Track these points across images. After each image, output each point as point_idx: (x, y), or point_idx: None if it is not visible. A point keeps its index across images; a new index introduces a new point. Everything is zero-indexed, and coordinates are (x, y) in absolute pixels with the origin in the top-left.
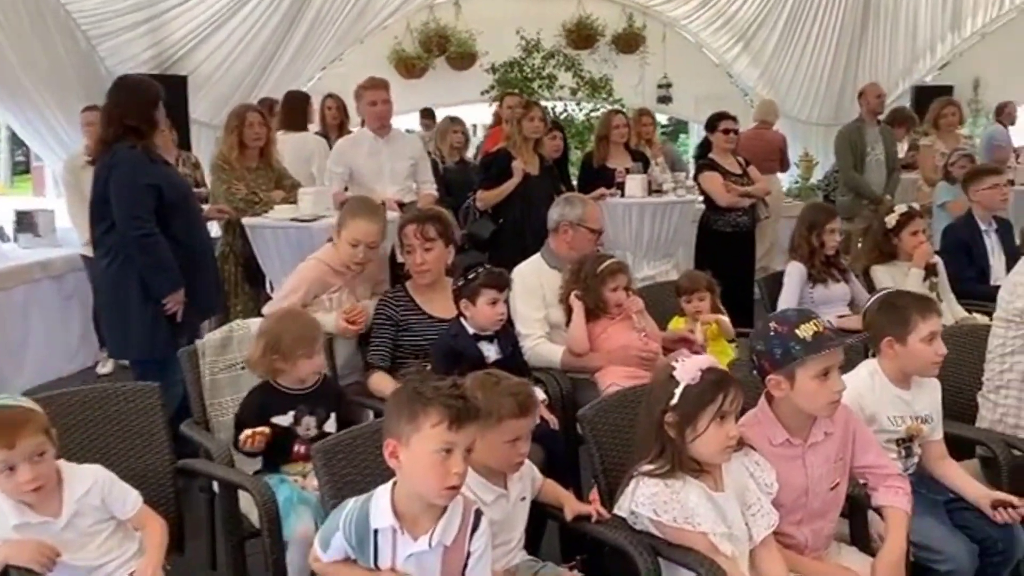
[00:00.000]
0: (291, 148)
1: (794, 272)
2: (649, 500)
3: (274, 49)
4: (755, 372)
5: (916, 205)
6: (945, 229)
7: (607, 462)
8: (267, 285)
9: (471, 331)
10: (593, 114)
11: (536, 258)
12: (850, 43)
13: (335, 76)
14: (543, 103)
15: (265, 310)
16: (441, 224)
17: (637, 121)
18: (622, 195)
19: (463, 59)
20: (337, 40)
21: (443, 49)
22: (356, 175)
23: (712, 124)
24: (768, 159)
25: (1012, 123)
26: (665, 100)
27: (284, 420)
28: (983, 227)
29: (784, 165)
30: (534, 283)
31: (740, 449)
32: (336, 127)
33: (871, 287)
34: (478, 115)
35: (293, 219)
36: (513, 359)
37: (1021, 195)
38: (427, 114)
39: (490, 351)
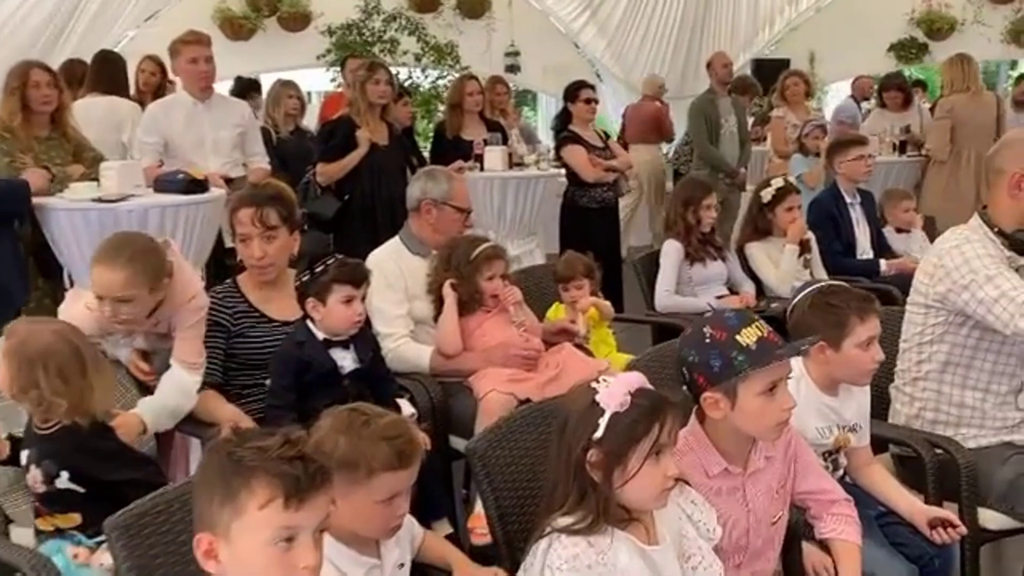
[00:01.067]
0: (100, 114)
1: (671, 251)
2: (568, 564)
3: (74, 3)
4: (685, 388)
5: (791, 179)
6: (811, 203)
7: (504, 507)
8: (65, 278)
9: (321, 336)
10: (440, 82)
11: (394, 243)
12: (695, 15)
13: (150, 36)
14: None
15: (62, 308)
16: (284, 206)
17: (491, 89)
18: (481, 169)
19: (296, 20)
20: None
21: (273, 8)
22: (172, 146)
23: (572, 93)
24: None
25: (866, 98)
26: (513, 69)
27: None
28: (848, 199)
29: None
30: (393, 272)
31: (674, 486)
32: (152, 93)
33: (745, 265)
34: (313, 81)
35: (95, 199)
36: (375, 368)
37: (878, 168)
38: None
39: (345, 360)
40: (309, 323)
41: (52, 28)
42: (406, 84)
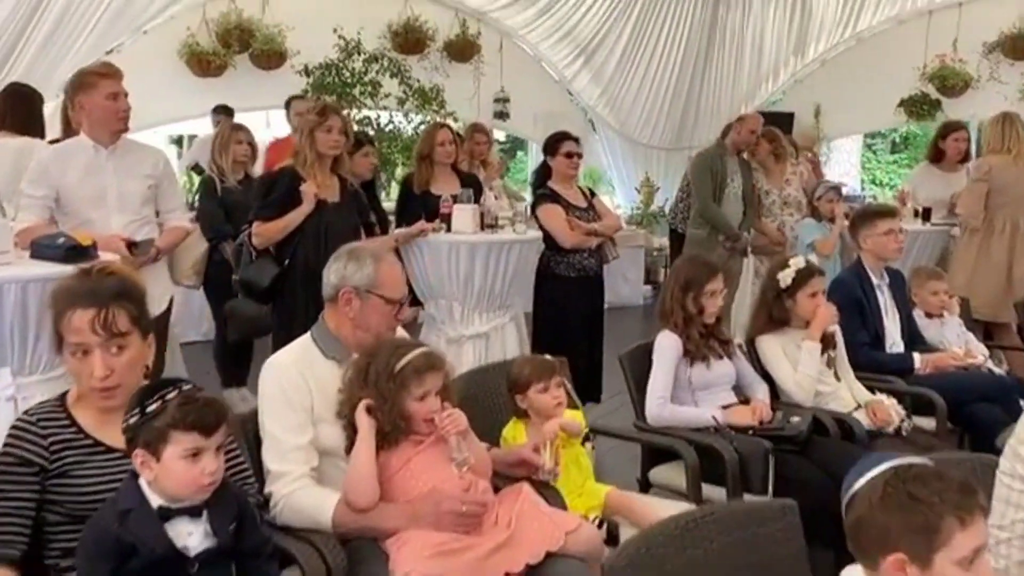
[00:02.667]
0: (10, 158)
1: (667, 346)
2: None
3: (17, 33)
4: None
5: (813, 259)
6: (832, 284)
7: None
8: None
9: (156, 503)
10: (423, 127)
11: (303, 342)
12: (695, 64)
13: None
14: (367, 113)
15: None
16: (133, 303)
17: (470, 138)
18: (448, 229)
19: (270, 57)
20: (106, 27)
21: (246, 45)
22: (65, 200)
23: (552, 146)
24: None
25: None
26: (502, 116)
27: None
28: (875, 280)
29: None
30: (295, 385)
31: None
32: None
33: (756, 361)
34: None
35: None
36: (243, 542)
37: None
38: (224, 111)
39: (192, 537)
40: (140, 483)
41: None
42: (387, 129)
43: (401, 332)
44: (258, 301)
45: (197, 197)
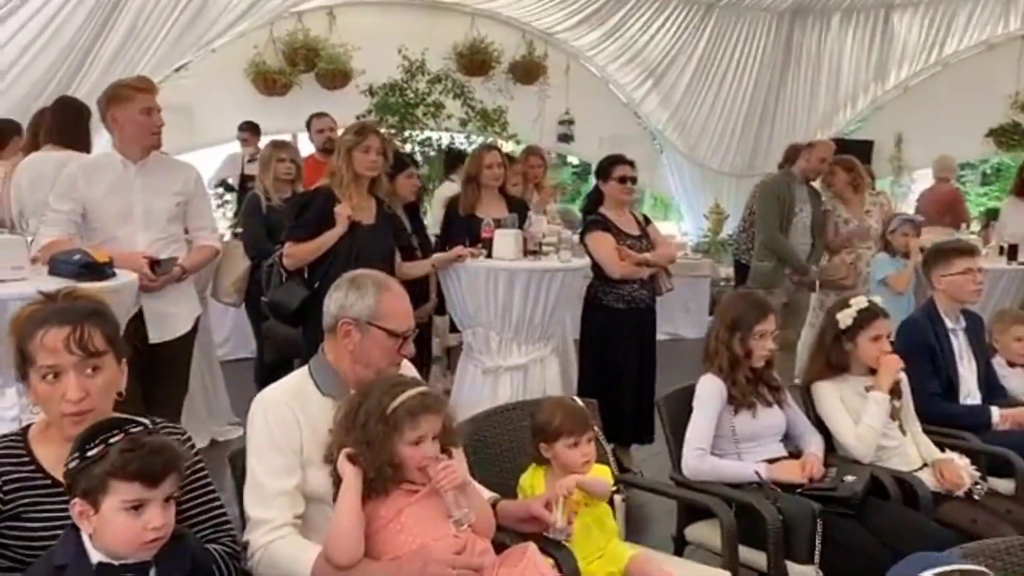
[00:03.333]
0: (52, 172)
1: (710, 391)
2: None
3: (86, 48)
4: None
5: (878, 299)
6: (901, 327)
7: None
8: None
9: (96, 559)
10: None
11: (299, 376)
12: (768, 87)
13: (180, 89)
14: (428, 133)
15: None
16: (108, 324)
17: (524, 161)
18: (488, 255)
19: (335, 77)
20: (171, 45)
21: (311, 64)
22: (92, 215)
23: (605, 170)
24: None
25: None
26: (566, 138)
27: None
28: (950, 324)
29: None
30: (286, 423)
31: None
32: None
33: (810, 410)
34: None
35: None
36: None
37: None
38: (249, 128)
39: None
40: (84, 534)
41: (64, 72)
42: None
43: (408, 369)
44: (286, 324)
45: (241, 215)
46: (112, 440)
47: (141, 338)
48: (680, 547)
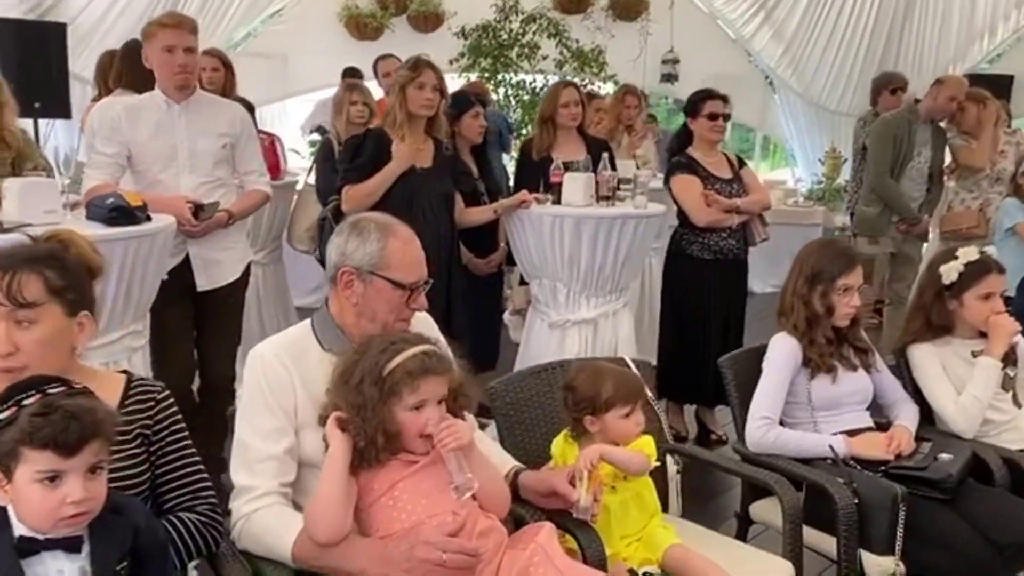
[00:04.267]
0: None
1: (783, 352)
2: None
3: None
4: None
5: (990, 251)
6: (1022, 283)
7: None
8: None
9: (20, 532)
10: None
11: (300, 329)
12: (892, 17)
13: (275, 35)
14: (522, 76)
15: None
16: (62, 271)
17: (620, 101)
18: (557, 201)
19: (427, 20)
20: None
21: (403, 7)
22: (136, 158)
23: (693, 106)
24: None
25: None
26: (670, 78)
27: None
28: None
29: None
30: (279, 381)
31: None
32: (218, 93)
33: (904, 376)
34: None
35: None
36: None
37: None
38: (352, 74)
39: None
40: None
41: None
42: (541, 93)
43: (425, 324)
44: None
45: (314, 160)
46: (26, 402)
47: (188, 285)
48: (744, 527)
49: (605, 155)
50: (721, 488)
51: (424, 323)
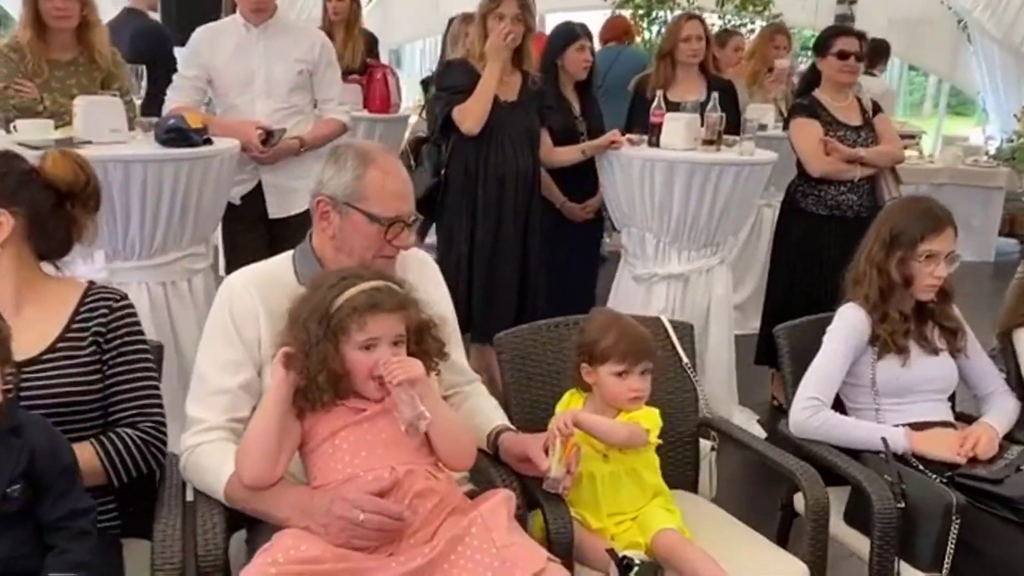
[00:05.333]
0: None
1: (848, 325)
2: None
3: None
4: None
5: None
6: None
7: None
8: None
9: None
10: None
11: (280, 260)
12: None
13: None
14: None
15: None
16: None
17: (766, 40)
18: (654, 143)
19: None
20: None
21: None
22: (216, 82)
23: (822, 43)
24: None
25: None
26: (845, 19)
27: None
28: None
29: None
30: (244, 311)
31: None
32: (343, 24)
33: (1009, 365)
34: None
35: (22, 143)
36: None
37: None
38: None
39: None
40: None
41: None
42: None
43: (422, 264)
44: (422, 213)
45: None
46: None
47: (262, 212)
48: (789, 519)
49: (715, 95)
50: (775, 475)
51: (422, 265)
